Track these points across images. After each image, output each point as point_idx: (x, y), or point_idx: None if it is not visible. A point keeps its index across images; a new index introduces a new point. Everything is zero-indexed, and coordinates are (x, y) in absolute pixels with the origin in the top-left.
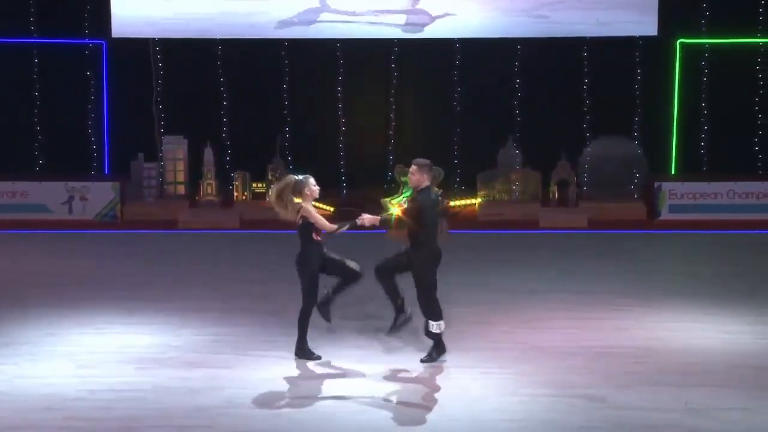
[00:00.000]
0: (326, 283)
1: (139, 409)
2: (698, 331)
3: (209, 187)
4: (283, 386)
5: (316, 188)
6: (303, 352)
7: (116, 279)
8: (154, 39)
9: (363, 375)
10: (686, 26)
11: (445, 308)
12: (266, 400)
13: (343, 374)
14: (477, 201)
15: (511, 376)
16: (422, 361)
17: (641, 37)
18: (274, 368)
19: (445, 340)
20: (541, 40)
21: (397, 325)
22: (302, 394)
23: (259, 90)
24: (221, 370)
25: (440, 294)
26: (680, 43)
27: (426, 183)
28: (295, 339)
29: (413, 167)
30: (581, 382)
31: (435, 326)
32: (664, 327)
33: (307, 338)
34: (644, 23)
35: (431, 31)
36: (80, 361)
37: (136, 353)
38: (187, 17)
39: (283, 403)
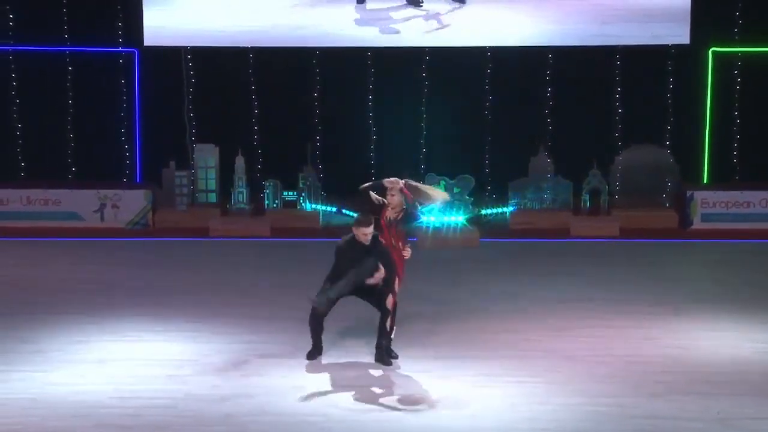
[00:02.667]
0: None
1: (168, 417)
2: (728, 340)
3: (240, 195)
4: (313, 394)
5: None
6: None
7: (147, 286)
8: (186, 47)
9: (392, 383)
10: (719, 35)
11: (475, 317)
12: (296, 408)
13: (372, 382)
14: (507, 210)
15: (542, 384)
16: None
17: (673, 46)
18: (304, 376)
19: (476, 348)
20: (572, 49)
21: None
22: (332, 402)
23: (291, 98)
24: (251, 378)
25: (471, 302)
26: (713, 51)
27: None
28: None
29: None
30: (611, 391)
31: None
32: (693, 336)
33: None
34: (677, 32)
35: (463, 40)
36: (110, 369)
37: (167, 361)
38: (219, 27)
39: (313, 410)
